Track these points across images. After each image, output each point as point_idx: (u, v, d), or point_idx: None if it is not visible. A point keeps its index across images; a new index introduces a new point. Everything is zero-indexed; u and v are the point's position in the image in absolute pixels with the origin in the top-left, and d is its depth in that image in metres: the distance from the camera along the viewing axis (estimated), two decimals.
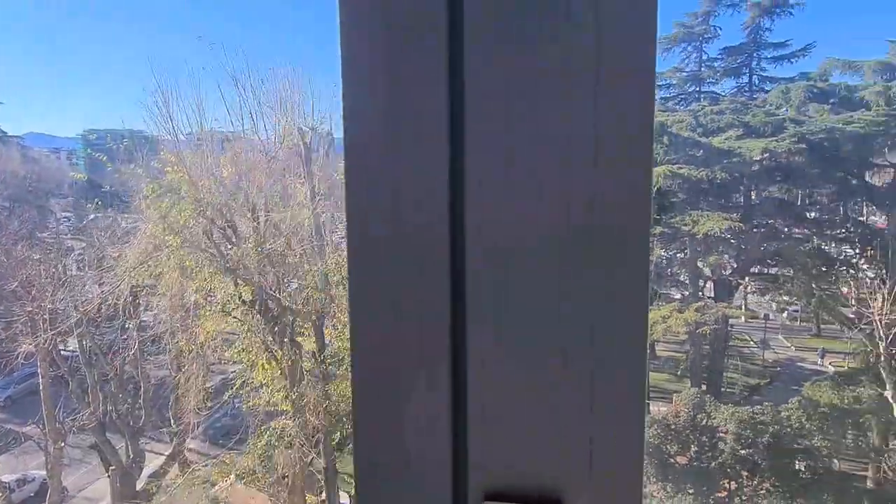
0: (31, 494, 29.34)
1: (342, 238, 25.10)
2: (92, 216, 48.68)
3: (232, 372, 16.81)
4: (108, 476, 20.35)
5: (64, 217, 79.42)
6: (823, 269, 33.47)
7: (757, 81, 38.34)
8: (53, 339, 17.27)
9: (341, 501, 17.98)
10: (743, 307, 51.11)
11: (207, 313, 15.21)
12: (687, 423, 23.88)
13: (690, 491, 22.64)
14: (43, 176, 74.90)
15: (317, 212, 16.06)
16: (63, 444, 17.38)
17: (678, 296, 37.21)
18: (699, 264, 33.51)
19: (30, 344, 16.03)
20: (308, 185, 15.98)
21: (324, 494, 17.26)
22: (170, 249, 13.55)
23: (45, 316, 16.75)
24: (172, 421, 22.54)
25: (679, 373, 46.01)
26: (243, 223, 14.64)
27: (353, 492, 14.99)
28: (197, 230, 13.71)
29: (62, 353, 21.20)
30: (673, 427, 23.86)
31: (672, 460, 23.92)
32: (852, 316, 33.66)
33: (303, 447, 14.57)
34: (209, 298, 15.47)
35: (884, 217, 32.93)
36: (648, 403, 37.92)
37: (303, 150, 16.08)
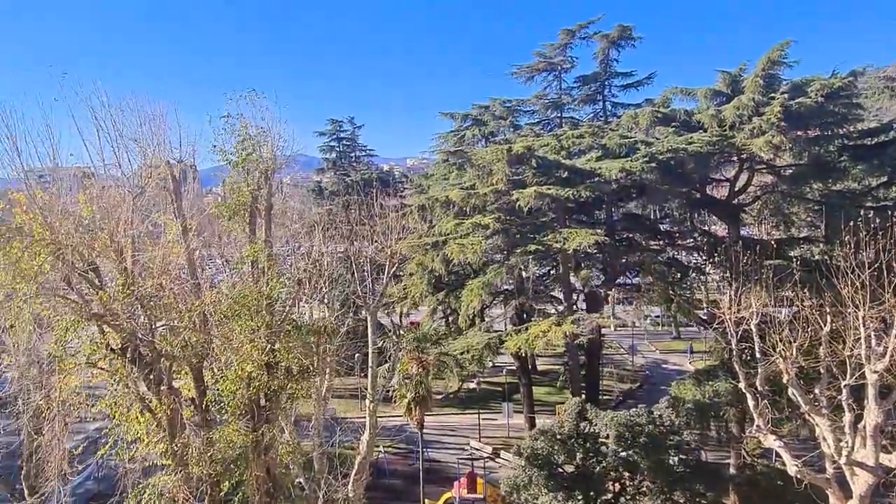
0: None
1: (215, 273, 23.81)
2: None
3: (94, 430, 15.32)
4: None
5: None
6: (678, 275, 36.51)
7: (610, 107, 41.55)
8: None
9: None
10: (612, 316, 54.33)
11: (69, 366, 13.77)
12: (571, 432, 24.82)
13: (579, 497, 23.47)
14: None
15: (190, 248, 15.19)
16: None
17: (553, 311, 39.00)
18: (571, 278, 35.37)
19: None
20: (178, 220, 15.09)
21: None
22: (21, 299, 12.16)
23: None
24: (27, 492, 20.04)
25: (559, 384, 47.96)
26: (108, 265, 13.51)
27: None
28: (54, 276, 12.44)
29: None
30: (559, 437, 24.71)
31: (560, 469, 24.76)
32: (705, 317, 36.94)
33: (187, 502, 13.52)
34: (70, 349, 14.03)
35: (724, 226, 36.62)
36: (532, 417, 39.13)
37: (171, 184, 15.18)
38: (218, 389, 15.58)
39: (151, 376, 13.65)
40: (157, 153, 14.09)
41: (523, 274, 36.83)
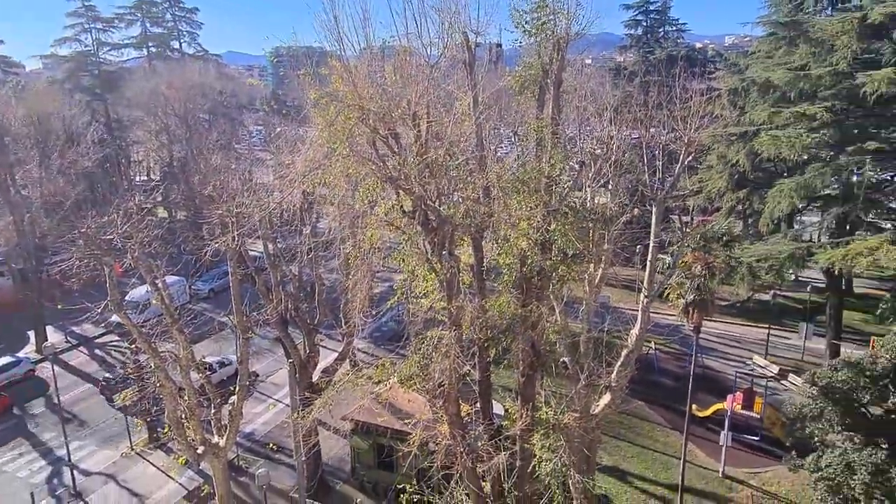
0: (226, 378, 34.05)
1: (506, 152, 24.30)
2: (279, 129, 52.64)
3: (399, 280, 17.26)
4: (288, 367, 22.43)
5: (256, 129, 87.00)
6: None
7: None
8: (240, 239, 18.77)
9: (495, 411, 18.24)
10: None
11: (371, 221, 15.52)
12: (888, 371, 20.91)
13: (884, 446, 20.02)
14: (237, 91, 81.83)
15: (479, 122, 15.37)
16: (251, 335, 19.26)
17: (888, 226, 32.14)
18: None
19: (218, 244, 17.55)
20: (471, 94, 15.26)
21: (478, 405, 17.57)
22: (336, 158, 13.78)
23: (232, 219, 18.16)
24: (343, 321, 24.19)
25: (881, 313, 40.58)
26: (405, 132, 14.43)
27: (506, 403, 14.85)
28: (361, 139, 13.75)
29: (250, 253, 23.31)
30: (868, 373, 21.04)
31: (863, 409, 21.29)
32: None
33: (458, 359, 14.69)
34: (373, 207, 15.73)
35: None
36: (837, 344, 33.96)
37: (467, 56, 15.27)
38: (495, 261, 16.23)
39: (436, 240, 14.63)
40: (454, 22, 14.13)
41: (853, 178, 30.53)
